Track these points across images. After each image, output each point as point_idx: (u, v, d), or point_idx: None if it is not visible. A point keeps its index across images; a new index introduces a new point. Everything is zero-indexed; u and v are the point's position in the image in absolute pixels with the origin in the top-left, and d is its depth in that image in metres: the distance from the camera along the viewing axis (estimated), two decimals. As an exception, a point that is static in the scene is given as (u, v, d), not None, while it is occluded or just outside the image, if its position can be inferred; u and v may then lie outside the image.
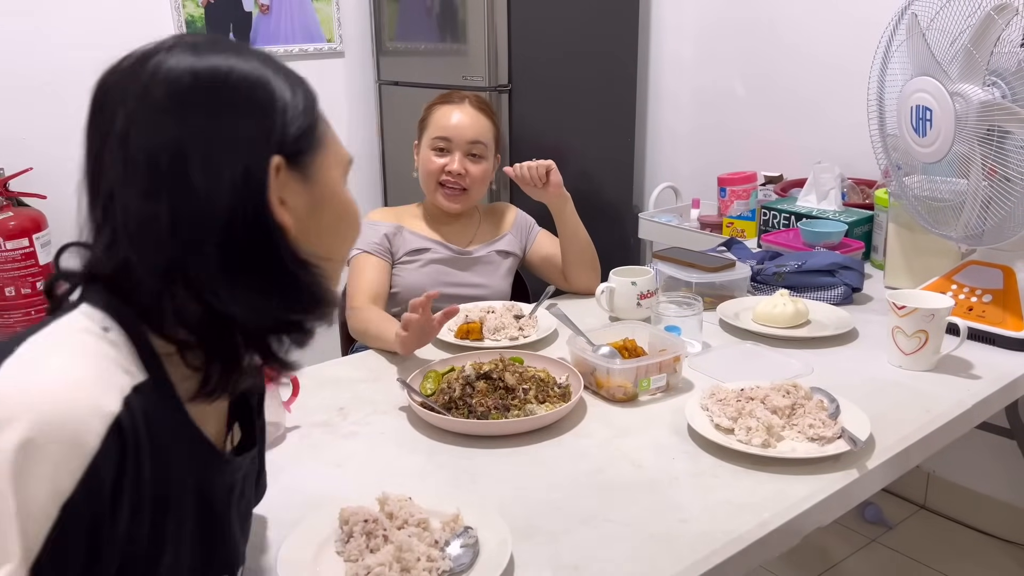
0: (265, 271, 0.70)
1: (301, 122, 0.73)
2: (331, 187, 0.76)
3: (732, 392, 1.31)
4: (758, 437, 1.20)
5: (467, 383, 1.37)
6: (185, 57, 0.69)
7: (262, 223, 0.69)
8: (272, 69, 0.73)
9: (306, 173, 0.73)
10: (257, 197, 0.69)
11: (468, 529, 1.01)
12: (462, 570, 0.96)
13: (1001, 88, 1.53)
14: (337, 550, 1.00)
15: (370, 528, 0.99)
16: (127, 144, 0.67)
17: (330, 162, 0.77)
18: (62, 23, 2.58)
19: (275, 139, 0.70)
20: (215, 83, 0.69)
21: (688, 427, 1.27)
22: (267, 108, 0.71)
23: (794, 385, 1.32)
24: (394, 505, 1.03)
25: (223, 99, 0.69)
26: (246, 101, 0.70)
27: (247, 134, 0.69)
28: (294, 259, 0.71)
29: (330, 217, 0.76)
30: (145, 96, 0.68)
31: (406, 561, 0.95)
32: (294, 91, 0.74)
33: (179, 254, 0.67)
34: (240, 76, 0.70)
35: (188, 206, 0.67)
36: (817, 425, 1.23)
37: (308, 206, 0.74)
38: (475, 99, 1.89)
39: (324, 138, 0.76)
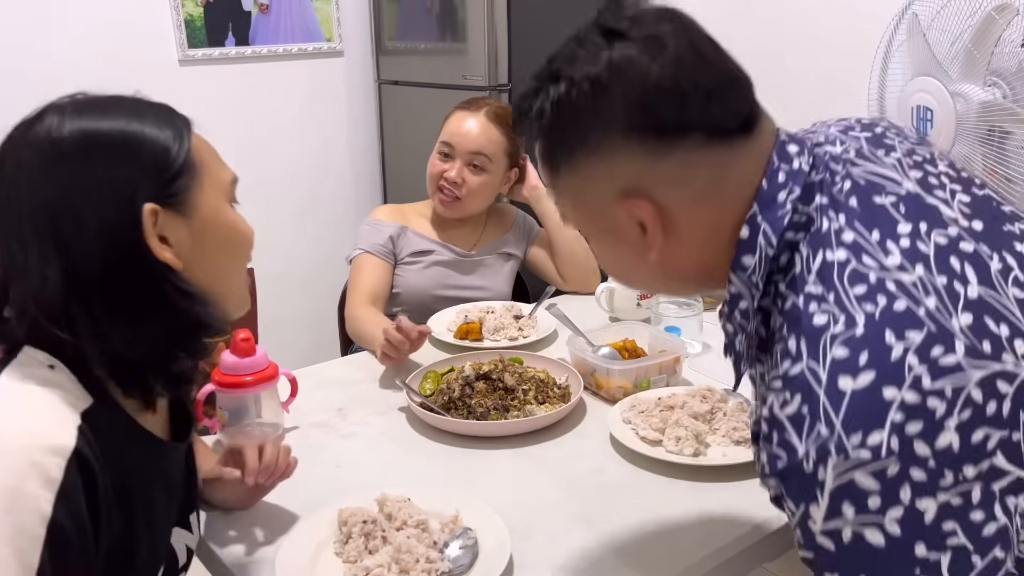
0: (151, 310, 0.76)
1: (174, 164, 0.78)
2: (212, 215, 0.82)
3: (651, 402, 1.31)
4: (689, 447, 1.19)
5: (466, 383, 1.37)
6: (53, 124, 0.75)
7: (142, 266, 0.76)
8: (139, 118, 0.78)
9: (184, 209, 0.79)
10: (132, 244, 0.75)
11: (467, 530, 1.01)
12: (461, 571, 0.96)
13: (1002, 88, 1.53)
14: (336, 551, 1.00)
15: (368, 529, 0.99)
16: (19, 210, 0.74)
17: (208, 191, 0.81)
18: (62, 23, 2.58)
19: (146, 187, 0.76)
20: (77, 147, 0.75)
21: (613, 439, 1.25)
22: (134, 160, 0.76)
23: (709, 389, 1.32)
24: (393, 506, 1.03)
25: (87, 159, 0.75)
26: (111, 158, 0.75)
27: (114, 188, 0.75)
28: (179, 292, 0.78)
29: (215, 243, 0.82)
30: (23, 169, 0.75)
31: (405, 562, 0.95)
32: (162, 132, 0.78)
33: (69, 305, 0.74)
34: (104, 135, 0.76)
35: (68, 263, 0.73)
36: (741, 428, 1.23)
37: (192, 238, 0.79)
38: (493, 109, 1.83)
39: (200, 170, 0.81)
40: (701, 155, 0.74)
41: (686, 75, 0.73)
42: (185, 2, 2.79)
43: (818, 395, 0.66)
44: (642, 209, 0.76)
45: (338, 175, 3.30)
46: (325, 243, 3.22)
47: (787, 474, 0.68)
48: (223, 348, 1.29)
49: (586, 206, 0.81)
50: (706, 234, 0.77)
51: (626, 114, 0.73)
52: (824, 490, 0.65)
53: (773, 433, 0.69)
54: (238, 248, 0.86)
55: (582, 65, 0.75)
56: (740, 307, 0.78)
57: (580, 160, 0.77)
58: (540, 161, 0.82)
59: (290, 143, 3.12)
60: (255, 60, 2.99)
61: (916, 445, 0.63)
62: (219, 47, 2.90)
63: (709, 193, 0.75)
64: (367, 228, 1.87)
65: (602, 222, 0.80)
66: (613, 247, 0.82)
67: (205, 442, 1.21)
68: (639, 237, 0.78)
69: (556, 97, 0.76)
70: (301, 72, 3.11)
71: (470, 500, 1.07)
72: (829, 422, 0.65)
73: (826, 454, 0.65)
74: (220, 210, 0.83)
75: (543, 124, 0.78)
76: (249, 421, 1.27)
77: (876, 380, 0.65)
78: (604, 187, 0.77)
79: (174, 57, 2.81)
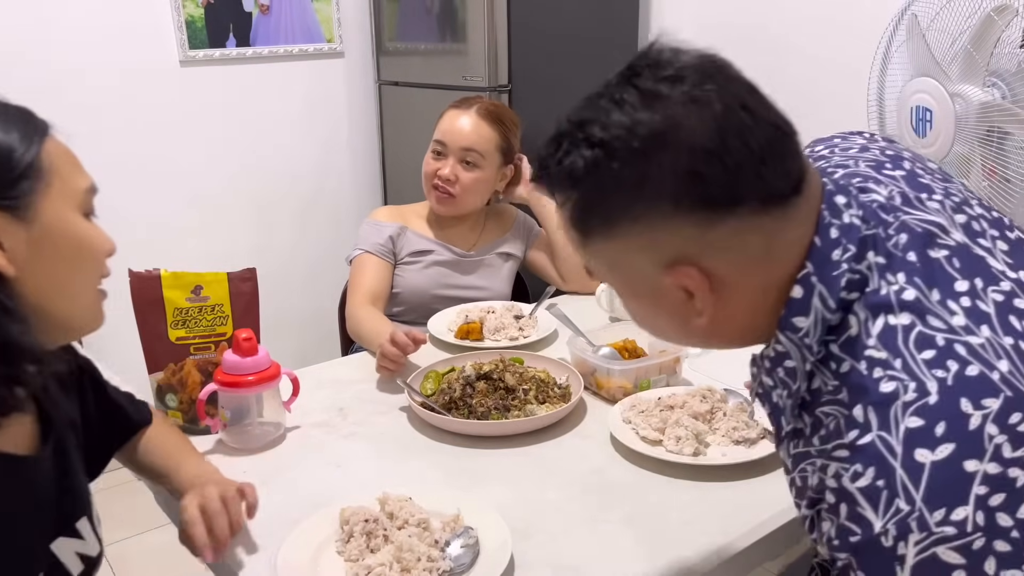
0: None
1: (16, 167, 0.75)
2: (57, 224, 0.78)
3: (651, 402, 1.31)
4: (689, 446, 1.19)
5: (467, 383, 1.37)
6: None
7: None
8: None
9: (24, 215, 0.75)
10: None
11: (468, 529, 1.01)
12: (462, 570, 0.96)
13: (1001, 89, 1.53)
14: (337, 550, 1.01)
15: (370, 528, 1.00)
16: None
17: (55, 199, 0.78)
18: (63, 24, 2.58)
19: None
20: None
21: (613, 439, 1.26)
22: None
23: (709, 389, 1.33)
24: (395, 505, 1.03)
25: None
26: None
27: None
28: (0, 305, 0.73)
29: (57, 253, 0.78)
30: None
31: (406, 561, 0.95)
32: (7, 134, 0.75)
33: None
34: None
35: None
36: (741, 427, 1.23)
37: (29, 245, 0.75)
38: (484, 106, 1.85)
39: (48, 175, 0.77)
40: (754, 222, 0.70)
41: (735, 138, 0.68)
42: (186, 3, 2.79)
43: (894, 468, 0.64)
44: (689, 277, 0.71)
45: (338, 175, 3.30)
46: (325, 243, 3.23)
47: (862, 548, 0.66)
48: (225, 348, 1.29)
49: (623, 272, 0.76)
50: (755, 296, 0.74)
51: (673, 186, 0.68)
52: (905, 566, 0.63)
53: (842, 506, 0.67)
54: (84, 261, 0.82)
55: (620, 130, 0.69)
56: (786, 365, 0.74)
57: (618, 229, 0.72)
58: (568, 223, 0.76)
59: (290, 143, 3.13)
60: (256, 61, 2.99)
61: (999, 517, 0.62)
62: (220, 48, 2.90)
63: (761, 258, 0.72)
64: (367, 228, 1.87)
65: (642, 287, 0.76)
66: (652, 310, 0.78)
67: (190, 441, 1.18)
68: (683, 303, 0.74)
69: (592, 161, 0.70)
70: (301, 73, 3.11)
71: (471, 500, 1.08)
72: (909, 498, 0.63)
73: (907, 531, 0.63)
74: (67, 220, 0.79)
75: (574, 189, 0.72)
76: (250, 421, 1.28)
77: (956, 452, 0.63)
78: (646, 256, 0.72)
79: (175, 58, 2.81)
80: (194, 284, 1.33)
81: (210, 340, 1.35)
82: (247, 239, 3.01)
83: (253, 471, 1.20)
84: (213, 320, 1.35)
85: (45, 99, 2.71)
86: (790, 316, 0.72)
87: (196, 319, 1.33)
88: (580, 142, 0.71)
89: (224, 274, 1.35)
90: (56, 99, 2.60)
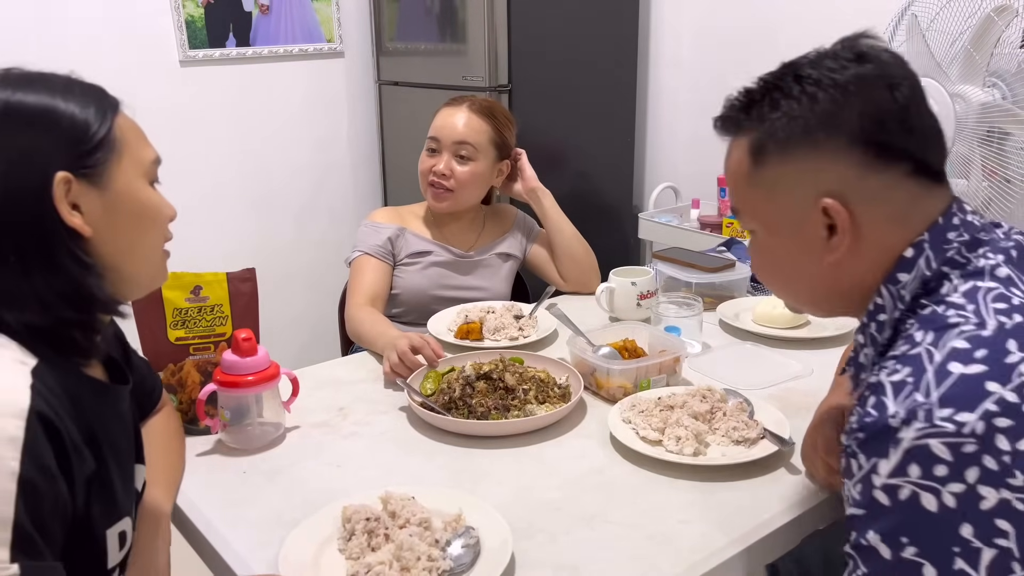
0: (44, 273, 0.80)
1: (93, 138, 0.83)
2: (128, 191, 0.87)
3: (651, 402, 1.31)
4: (689, 446, 1.19)
5: (467, 383, 1.37)
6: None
7: (46, 229, 0.80)
8: (63, 95, 0.83)
9: (99, 181, 0.84)
10: (38, 206, 0.80)
11: (470, 529, 1.01)
12: (463, 570, 0.96)
13: (1001, 89, 1.53)
14: (339, 548, 1.01)
15: (372, 527, 1.00)
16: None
17: (127, 167, 0.87)
18: (63, 24, 2.59)
19: (61, 156, 0.81)
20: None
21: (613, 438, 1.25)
22: (50, 132, 0.81)
23: (709, 389, 1.32)
24: (397, 504, 1.04)
25: (2, 128, 0.80)
26: (26, 128, 0.81)
27: (23, 154, 0.80)
28: (76, 260, 0.82)
29: (127, 217, 0.87)
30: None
31: (406, 560, 0.95)
32: (84, 110, 0.84)
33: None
34: (21, 107, 0.81)
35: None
36: (741, 427, 1.23)
37: (104, 209, 0.84)
38: (476, 102, 1.87)
39: (121, 146, 0.86)
40: (905, 183, 0.83)
41: (915, 113, 0.83)
42: (186, 3, 2.79)
43: (926, 370, 0.74)
44: (838, 212, 0.83)
45: (338, 175, 3.30)
46: (325, 243, 3.23)
47: (870, 427, 0.74)
48: (224, 348, 1.29)
49: (779, 198, 0.87)
50: (878, 255, 0.85)
51: (859, 123, 0.81)
52: (899, 447, 0.72)
53: (870, 396, 0.76)
54: (150, 224, 0.90)
55: (830, 71, 0.83)
56: (878, 319, 0.86)
57: (797, 152, 0.84)
58: (749, 149, 0.88)
59: (290, 143, 3.13)
60: (256, 61, 3.00)
61: (999, 438, 0.69)
62: (220, 48, 2.90)
63: (898, 218, 0.84)
64: (365, 230, 1.87)
65: (789, 216, 0.87)
66: (786, 243, 0.89)
67: (172, 454, 1.17)
68: (821, 239, 0.85)
69: (797, 91, 0.83)
70: (301, 73, 3.11)
71: (473, 499, 1.08)
72: (927, 392, 0.72)
73: (913, 417, 0.71)
74: (136, 187, 0.88)
75: (771, 112, 0.85)
76: (250, 421, 1.27)
77: (984, 373, 0.71)
78: (809, 183, 0.84)
79: (175, 58, 2.81)
80: (193, 284, 1.33)
81: (209, 340, 1.35)
82: (246, 239, 3.01)
83: (253, 471, 1.20)
84: (212, 320, 1.35)
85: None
86: (896, 272, 0.84)
87: (195, 319, 1.33)
88: (787, 76, 0.85)
89: (223, 274, 1.35)
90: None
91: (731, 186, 0.94)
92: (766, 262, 0.94)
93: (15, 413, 0.74)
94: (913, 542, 0.71)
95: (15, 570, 0.72)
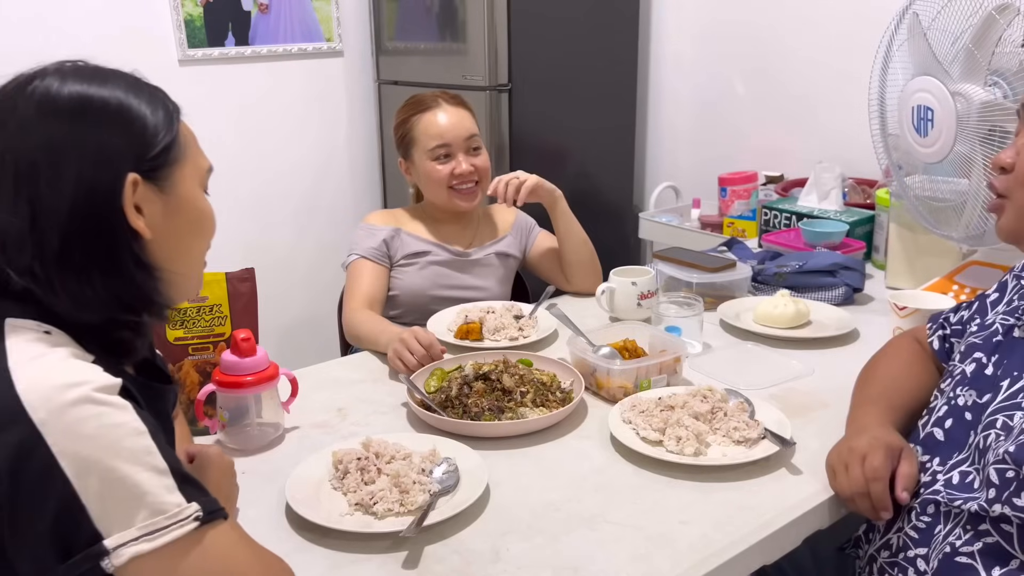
0: (103, 273, 0.80)
1: (160, 142, 0.83)
2: (187, 197, 0.88)
3: (652, 402, 1.30)
4: (689, 446, 1.18)
5: (465, 383, 1.37)
6: (53, 83, 0.80)
7: (109, 229, 0.80)
8: (135, 93, 0.83)
9: (163, 185, 0.84)
10: (107, 206, 0.79)
11: (447, 459, 1.16)
12: (449, 489, 1.11)
13: (1003, 88, 1.53)
14: (334, 487, 1.13)
15: (363, 464, 1.12)
16: (2, 156, 0.78)
17: (187, 173, 0.88)
18: (61, 23, 2.58)
19: (132, 157, 0.81)
20: (74, 107, 0.79)
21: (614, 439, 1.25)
22: (126, 131, 0.81)
23: (709, 389, 1.32)
24: (379, 445, 1.17)
25: (78, 121, 0.79)
26: (105, 124, 0.80)
27: (100, 151, 0.79)
28: (137, 262, 0.82)
29: (184, 222, 0.88)
30: (15, 116, 0.79)
31: (403, 484, 1.08)
32: (155, 112, 0.84)
33: (32, 254, 0.77)
34: (99, 102, 0.80)
35: (38, 211, 0.77)
36: (742, 428, 1.23)
37: (164, 213, 0.84)
38: (447, 96, 1.87)
39: (183, 152, 0.87)
40: None
41: None
42: (185, 2, 2.79)
43: None
44: None
45: (338, 175, 3.30)
46: (325, 243, 3.22)
47: None
48: (223, 348, 1.29)
49: None
50: None
51: None
52: None
53: None
54: (204, 231, 0.92)
55: None
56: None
57: None
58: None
59: (290, 143, 3.12)
60: (255, 60, 2.99)
61: None
62: (219, 47, 2.90)
63: None
64: (361, 233, 1.86)
65: None
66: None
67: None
68: None
69: None
70: (301, 72, 3.11)
71: (441, 439, 1.23)
72: None
73: None
74: (194, 193, 0.89)
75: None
76: (249, 421, 1.27)
77: None
78: None
79: (174, 57, 2.81)
80: (192, 284, 1.32)
81: (208, 340, 1.34)
82: (246, 239, 3.01)
83: (252, 472, 1.20)
84: (211, 320, 1.34)
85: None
86: None
87: (194, 319, 1.33)
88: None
89: (222, 274, 1.35)
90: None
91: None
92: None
93: (111, 387, 0.75)
94: None
95: (195, 507, 0.75)
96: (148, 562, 0.72)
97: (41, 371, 0.74)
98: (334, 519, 1.05)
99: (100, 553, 0.71)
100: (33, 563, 0.72)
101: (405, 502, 1.07)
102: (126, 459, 0.73)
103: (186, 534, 0.74)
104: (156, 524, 0.73)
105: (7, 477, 0.70)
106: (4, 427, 0.71)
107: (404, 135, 1.87)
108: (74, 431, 0.71)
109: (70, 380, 0.73)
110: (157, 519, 0.73)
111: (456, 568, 0.98)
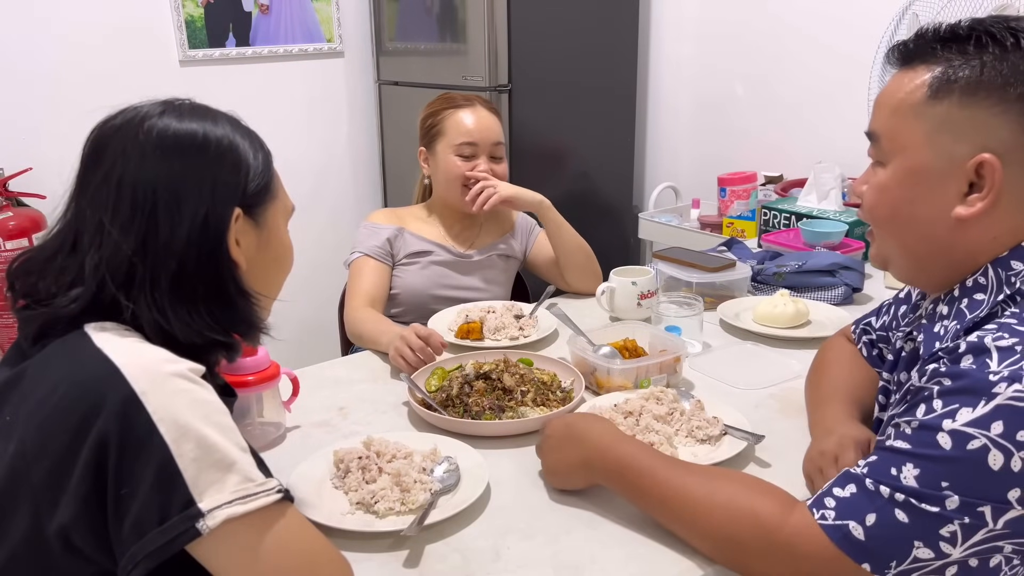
0: (209, 298, 0.87)
1: (260, 180, 0.92)
2: (276, 232, 0.96)
3: (608, 408, 1.28)
4: (665, 450, 1.16)
5: (465, 382, 1.37)
6: (172, 121, 0.87)
7: (216, 259, 0.87)
8: (240, 134, 0.91)
9: (258, 220, 0.92)
10: (216, 238, 0.87)
11: (447, 458, 1.17)
12: (450, 487, 1.11)
13: (1002, 88, 1.53)
14: (335, 486, 1.13)
15: (364, 463, 1.13)
16: (120, 184, 0.84)
17: (277, 211, 0.96)
18: (62, 24, 2.58)
19: (238, 193, 0.89)
20: (192, 143, 0.86)
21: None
22: (234, 167, 0.89)
23: (661, 391, 1.31)
24: (380, 444, 1.18)
25: (196, 156, 0.86)
26: (215, 160, 0.87)
27: (213, 187, 0.86)
28: (239, 290, 0.90)
29: (272, 255, 0.96)
30: (137, 148, 0.85)
31: (405, 483, 1.09)
32: (256, 153, 0.92)
33: (141, 278, 0.83)
34: (214, 139, 0.88)
35: (152, 238, 0.83)
36: (704, 426, 1.22)
37: (257, 247, 0.92)
38: (483, 100, 1.89)
39: (276, 192, 0.95)
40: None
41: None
42: (185, 3, 2.79)
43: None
44: (993, 172, 0.82)
45: (338, 175, 3.30)
46: (325, 243, 3.22)
47: (964, 376, 0.77)
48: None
49: (940, 139, 0.85)
50: (1002, 232, 0.85)
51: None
52: (991, 402, 0.74)
53: (968, 356, 0.78)
54: (287, 263, 1.00)
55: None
56: (975, 297, 0.86)
57: (983, 101, 0.82)
58: (931, 81, 0.85)
59: (290, 143, 3.13)
60: (255, 61, 2.99)
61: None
62: (219, 48, 2.90)
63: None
64: (364, 232, 1.87)
65: (941, 159, 0.85)
66: (919, 185, 0.87)
67: None
68: (958, 193, 0.84)
69: (1010, 42, 0.81)
70: (301, 72, 3.11)
71: (442, 439, 1.23)
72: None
73: (1016, 379, 0.74)
74: (281, 229, 0.97)
75: (975, 51, 0.83)
76: (250, 421, 1.27)
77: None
78: (979, 133, 0.83)
79: (175, 58, 2.81)
80: (194, 284, 1.32)
81: (210, 340, 1.35)
82: (247, 239, 3.02)
83: (253, 471, 1.20)
84: (213, 320, 1.34)
85: (44, 99, 2.70)
86: (1011, 259, 0.85)
87: (196, 319, 1.33)
88: (1002, 26, 0.83)
89: (224, 274, 1.35)
90: (55, 98, 2.60)
91: (886, 112, 0.90)
92: (886, 200, 0.91)
93: (199, 370, 0.81)
94: (953, 489, 0.75)
95: (277, 482, 0.80)
96: (239, 527, 0.76)
97: (136, 350, 0.80)
98: (335, 518, 1.05)
99: (195, 515, 0.74)
100: (133, 529, 0.74)
101: (406, 501, 1.08)
102: (218, 430, 0.77)
103: (273, 504, 0.79)
104: (248, 490, 0.77)
105: (115, 446, 0.74)
106: (107, 397, 0.75)
107: (432, 126, 1.88)
108: (173, 400, 0.76)
109: (165, 357, 0.79)
110: (248, 485, 0.77)
111: (457, 567, 0.98)
